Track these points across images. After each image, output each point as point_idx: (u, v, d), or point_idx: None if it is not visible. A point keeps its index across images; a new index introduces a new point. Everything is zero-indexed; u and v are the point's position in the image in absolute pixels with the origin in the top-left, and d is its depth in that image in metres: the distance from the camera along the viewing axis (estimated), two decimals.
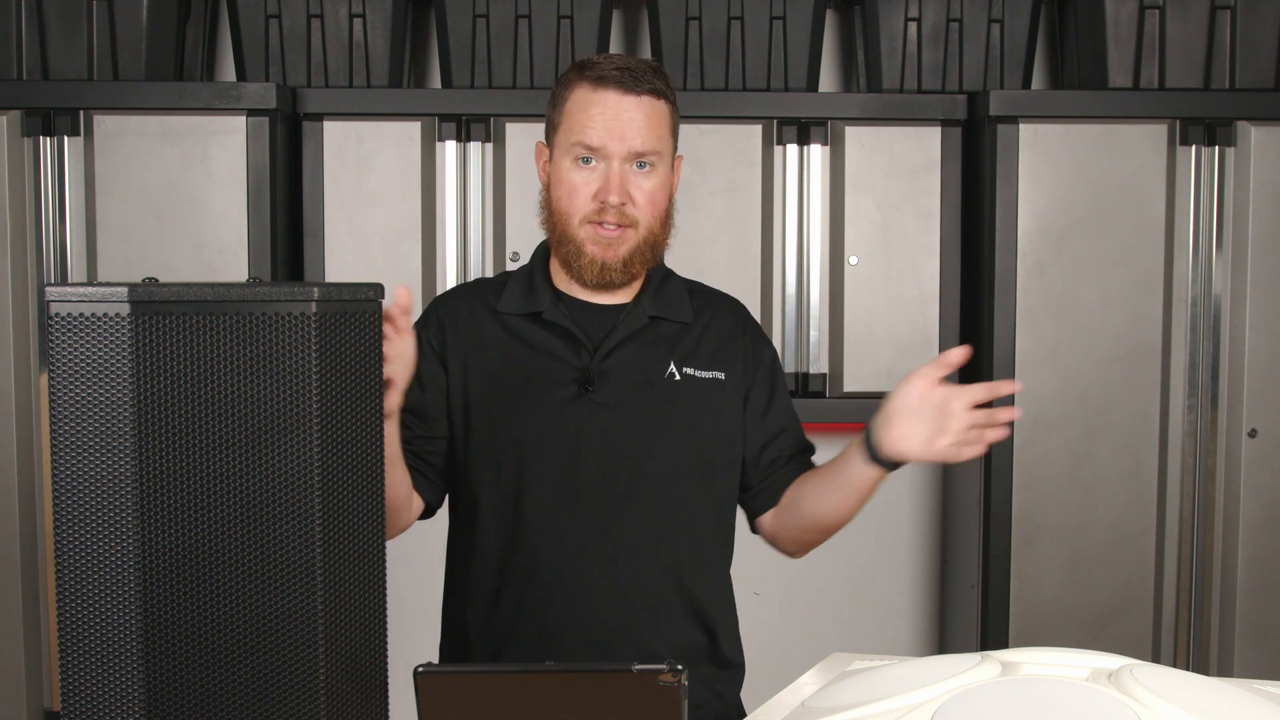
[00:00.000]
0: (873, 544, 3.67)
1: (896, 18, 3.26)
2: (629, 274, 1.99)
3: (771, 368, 2.12)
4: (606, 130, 1.93)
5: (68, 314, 1.38)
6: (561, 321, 2.00)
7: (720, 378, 2.04)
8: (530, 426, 1.98)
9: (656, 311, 2.04)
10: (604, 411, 1.98)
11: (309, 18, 3.21)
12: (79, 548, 1.39)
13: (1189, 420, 3.13)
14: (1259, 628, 3.14)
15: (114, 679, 1.39)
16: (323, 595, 1.42)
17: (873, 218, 3.19)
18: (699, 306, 2.09)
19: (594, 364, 1.98)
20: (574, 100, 1.97)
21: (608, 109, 1.94)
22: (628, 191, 1.94)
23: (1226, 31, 3.16)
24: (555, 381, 1.99)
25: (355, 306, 1.45)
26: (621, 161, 1.94)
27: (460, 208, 3.17)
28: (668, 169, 2.00)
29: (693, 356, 2.04)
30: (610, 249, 1.96)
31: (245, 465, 1.40)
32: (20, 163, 3.04)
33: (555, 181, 1.99)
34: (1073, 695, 1.34)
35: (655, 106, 1.96)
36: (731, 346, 2.07)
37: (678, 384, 2.01)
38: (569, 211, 1.96)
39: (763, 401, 2.09)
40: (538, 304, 2.02)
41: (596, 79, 1.95)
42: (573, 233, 1.97)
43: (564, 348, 2.00)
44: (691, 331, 2.06)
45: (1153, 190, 3.09)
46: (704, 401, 2.02)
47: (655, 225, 1.98)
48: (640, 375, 2.00)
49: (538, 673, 1.41)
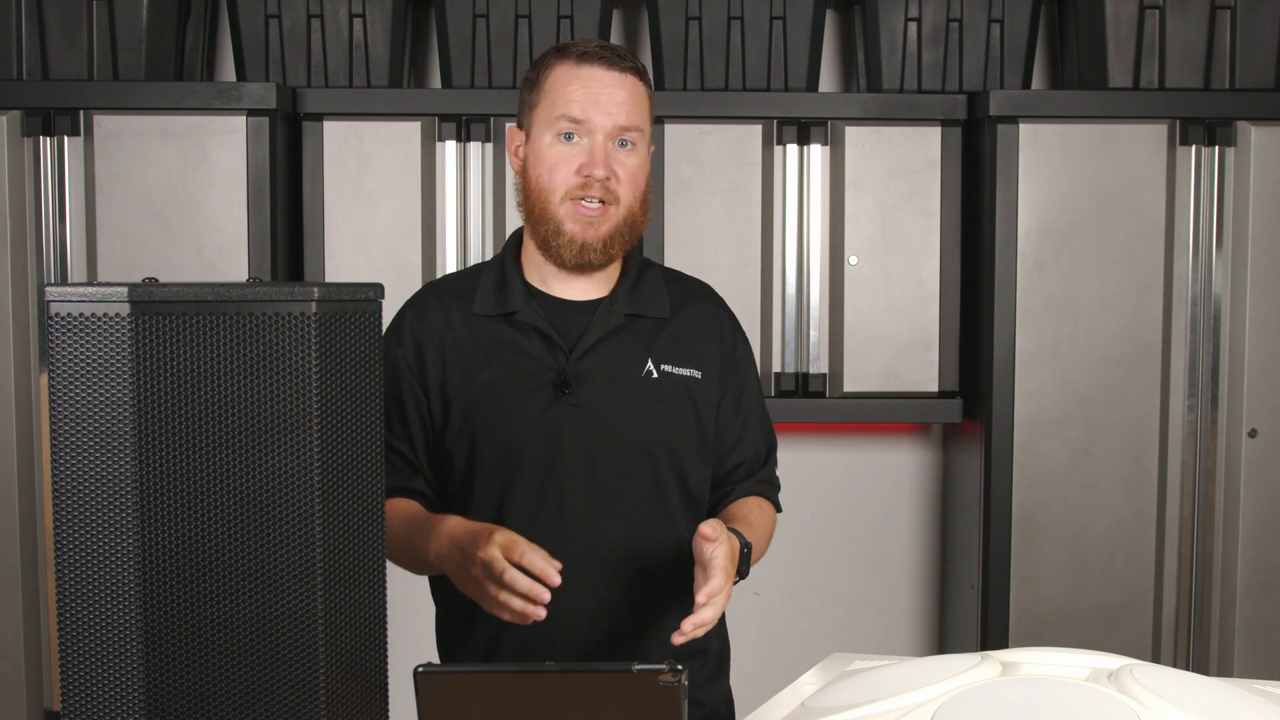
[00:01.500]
0: (873, 544, 3.67)
1: (896, 18, 3.26)
2: (608, 255, 1.95)
3: (746, 367, 2.09)
4: (591, 103, 1.90)
5: (68, 314, 1.38)
6: (535, 322, 1.96)
7: (697, 376, 2.01)
8: (510, 433, 1.95)
9: (633, 309, 2.00)
10: (581, 413, 1.94)
11: (309, 18, 3.21)
12: (79, 548, 1.39)
13: (1189, 420, 3.13)
14: (1259, 628, 3.14)
15: (114, 679, 1.39)
16: (323, 595, 1.41)
17: (873, 218, 3.19)
18: (677, 298, 2.05)
19: (570, 365, 1.95)
20: (555, 77, 1.93)
21: (591, 83, 1.91)
22: (611, 167, 1.91)
23: (1226, 31, 3.16)
24: (532, 385, 1.95)
25: (355, 306, 1.45)
26: (605, 136, 1.90)
27: (460, 208, 3.17)
28: (646, 150, 1.97)
29: (670, 353, 2.00)
30: (591, 227, 1.92)
31: (245, 465, 1.40)
32: (20, 163, 3.04)
33: (534, 159, 1.94)
34: (1073, 695, 1.34)
35: (637, 86, 1.94)
36: (710, 342, 2.04)
37: (655, 382, 1.98)
38: (549, 188, 1.92)
39: (731, 406, 2.06)
40: (511, 303, 1.98)
41: (579, 55, 1.92)
42: (552, 210, 1.92)
43: (540, 349, 1.96)
44: (670, 326, 2.02)
45: (1153, 190, 3.09)
46: (680, 399, 2.00)
47: (635, 205, 1.94)
48: (617, 374, 1.97)
49: (538, 673, 1.41)
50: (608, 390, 1.96)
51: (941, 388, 3.22)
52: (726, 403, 2.05)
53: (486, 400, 1.96)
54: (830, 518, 3.65)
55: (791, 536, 3.61)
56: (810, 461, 3.63)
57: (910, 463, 3.66)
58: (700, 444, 2.02)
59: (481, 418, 1.96)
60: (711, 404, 2.03)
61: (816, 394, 3.21)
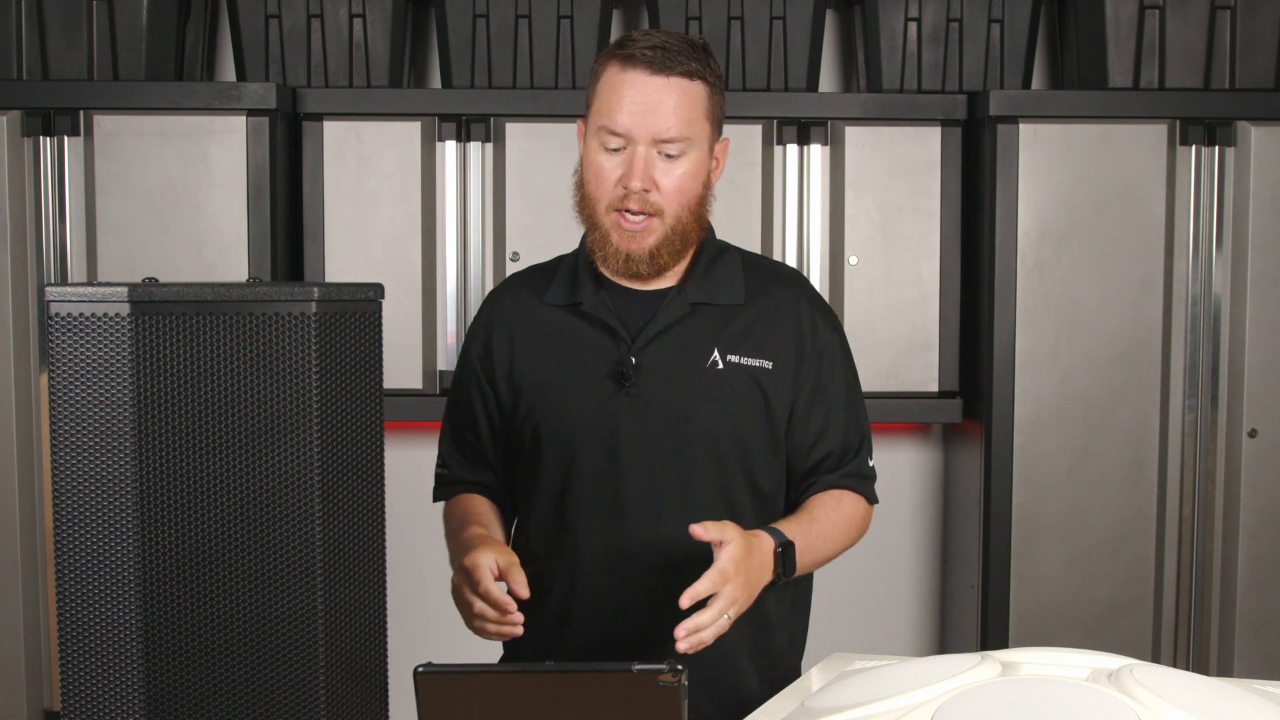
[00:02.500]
0: (873, 544, 3.66)
1: (896, 18, 3.26)
2: (656, 266, 1.91)
3: (826, 355, 1.99)
4: (631, 114, 1.84)
5: (68, 314, 1.38)
6: (600, 313, 1.94)
7: (768, 366, 1.94)
8: (571, 425, 1.93)
9: (701, 297, 1.94)
10: (641, 405, 1.91)
11: (309, 18, 3.21)
12: (79, 548, 1.39)
13: (1189, 420, 3.13)
14: (1259, 628, 3.14)
15: (114, 679, 1.39)
16: (323, 595, 1.41)
17: (873, 218, 3.19)
18: (756, 285, 1.98)
19: (632, 356, 1.91)
20: (605, 80, 1.88)
21: (635, 91, 1.84)
22: (652, 178, 1.85)
23: (1226, 31, 3.16)
24: (593, 376, 1.92)
25: (355, 306, 1.45)
26: (647, 146, 1.85)
27: (460, 208, 3.17)
28: (702, 155, 1.89)
29: (740, 343, 1.94)
30: (634, 241, 1.88)
31: (245, 465, 1.40)
32: (20, 163, 3.04)
33: (585, 164, 1.91)
34: (1073, 695, 1.34)
35: (687, 89, 1.86)
36: (785, 331, 1.96)
37: (720, 373, 1.92)
38: (596, 196, 1.89)
39: (811, 397, 1.97)
40: (579, 294, 1.95)
41: (626, 58, 1.85)
42: (599, 219, 1.89)
43: (603, 339, 1.93)
44: (743, 314, 1.95)
45: (1152, 190, 3.09)
46: (748, 391, 1.93)
47: (684, 214, 1.89)
48: (680, 365, 1.92)
49: (538, 673, 1.41)
50: (669, 382, 1.92)
51: (941, 388, 3.22)
52: (805, 394, 1.97)
53: (548, 391, 1.95)
54: None
55: None
56: None
57: (910, 463, 3.66)
58: (771, 437, 1.95)
59: (544, 408, 1.95)
60: (786, 395, 1.95)
61: None
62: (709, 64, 1.90)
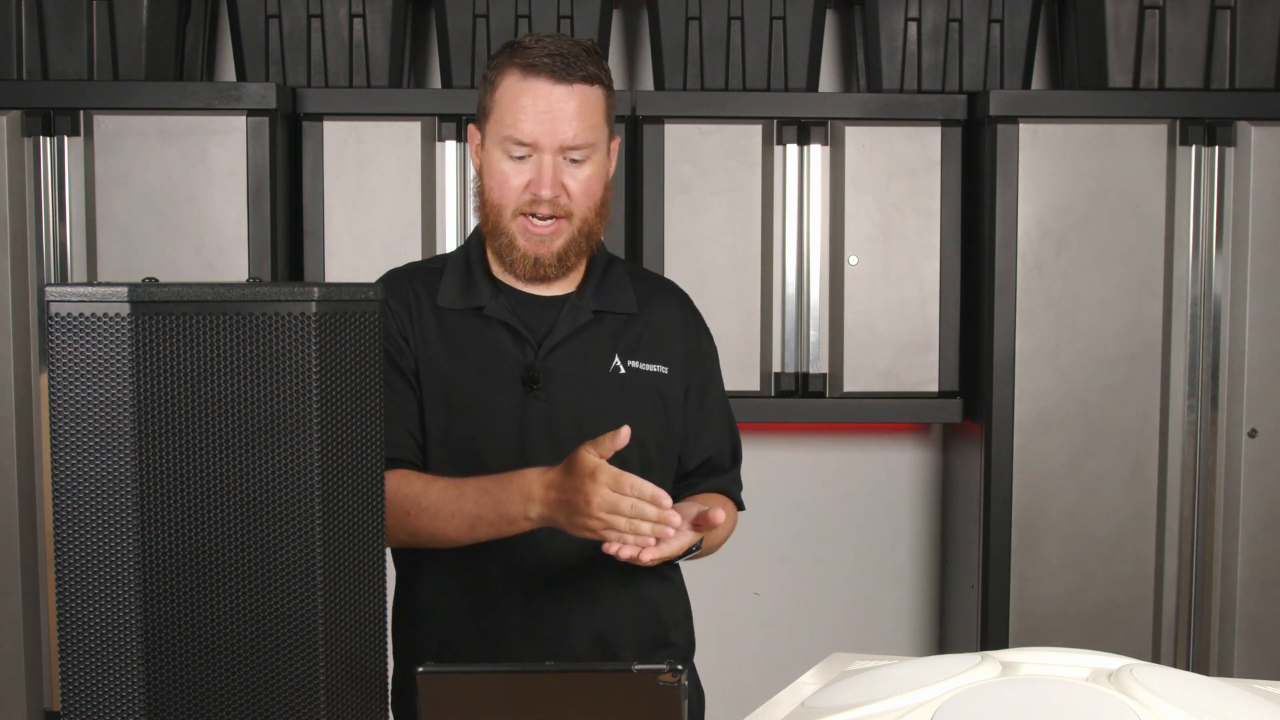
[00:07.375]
0: (873, 544, 3.67)
1: (896, 18, 3.26)
2: (564, 267, 1.94)
3: (710, 362, 2.08)
4: (537, 123, 1.86)
5: (68, 314, 1.38)
6: (503, 317, 1.95)
7: (664, 371, 2.00)
8: (477, 427, 1.94)
9: (600, 305, 1.99)
10: (547, 408, 1.93)
11: (309, 18, 3.21)
12: (79, 548, 1.39)
13: (1189, 420, 3.13)
14: (1259, 628, 3.14)
15: (114, 679, 1.39)
16: (323, 595, 1.41)
17: (873, 218, 3.19)
18: (643, 295, 2.03)
19: (538, 361, 1.94)
20: (504, 88, 1.89)
21: (538, 100, 1.87)
22: (561, 183, 1.89)
23: (1226, 31, 3.16)
24: (500, 380, 1.94)
25: (355, 306, 1.45)
26: (554, 154, 1.88)
27: (460, 207, 3.17)
28: (603, 156, 1.94)
29: (637, 349, 1.99)
30: (543, 244, 1.91)
31: (245, 465, 1.40)
32: (20, 163, 3.04)
33: (487, 170, 1.93)
34: (1073, 695, 1.34)
35: (588, 94, 1.89)
36: (675, 338, 2.03)
37: (622, 378, 1.97)
38: (500, 203, 1.91)
39: (696, 399, 2.05)
40: (478, 298, 1.96)
41: (527, 66, 1.87)
42: (505, 224, 1.91)
43: (508, 343, 1.95)
44: (636, 322, 2.01)
45: (1152, 190, 3.09)
46: (648, 396, 1.99)
47: (590, 215, 1.93)
48: (585, 371, 1.96)
49: (538, 673, 1.41)
50: (576, 386, 1.95)
51: (941, 388, 3.22)
52: (691, 396, 2.04)
53: (456, 391, 1.95)
54: (830, 518, 3.65)
55: (791, 536, 3.61)
56: (810, 461, 3.63)
57: (910, 463, 3.66)
58: (666, 441, 2.01)
59: (449, 410, 1.94)
60: (678, 400, 2.02)
61: (816, 394, 3.21)
62: (603, 66, 1.94)
